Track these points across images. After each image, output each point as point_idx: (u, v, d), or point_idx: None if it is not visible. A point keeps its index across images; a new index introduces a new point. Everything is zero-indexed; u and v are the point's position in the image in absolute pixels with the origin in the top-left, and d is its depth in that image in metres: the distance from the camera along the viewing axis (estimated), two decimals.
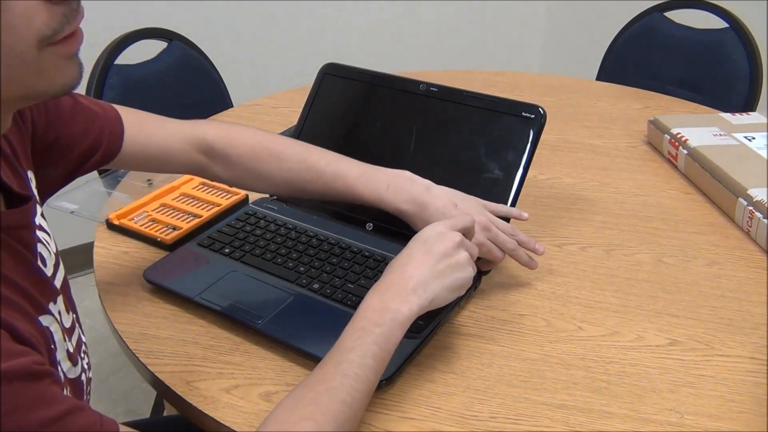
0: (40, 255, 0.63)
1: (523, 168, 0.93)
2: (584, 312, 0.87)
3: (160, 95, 1.58)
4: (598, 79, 1.86)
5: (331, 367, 0.64)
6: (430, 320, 0.80)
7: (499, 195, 0.93)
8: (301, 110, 1.08)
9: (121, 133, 0.83)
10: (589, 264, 0.97)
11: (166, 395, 0.76)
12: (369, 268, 0.90)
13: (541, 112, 0.94)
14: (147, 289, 0.90)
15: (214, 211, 1.05)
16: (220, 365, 0.78)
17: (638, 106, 1.52)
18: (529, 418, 0.72)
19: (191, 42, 1.67)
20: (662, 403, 0.74)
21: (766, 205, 1.01)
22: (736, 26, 1.69)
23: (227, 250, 0.94)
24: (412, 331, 0.73)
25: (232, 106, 1.64)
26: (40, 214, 0.67)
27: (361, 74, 1.06)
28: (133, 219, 1.04)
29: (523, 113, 0.95)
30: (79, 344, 0.68)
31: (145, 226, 1.02)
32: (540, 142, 0.94)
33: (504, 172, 0.94)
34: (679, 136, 1.23)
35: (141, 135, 0.85)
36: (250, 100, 1.56)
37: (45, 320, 0.60)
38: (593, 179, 1.20)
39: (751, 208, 1.03)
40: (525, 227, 1.00)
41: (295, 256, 0.92)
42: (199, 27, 1.98)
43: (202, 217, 1.04)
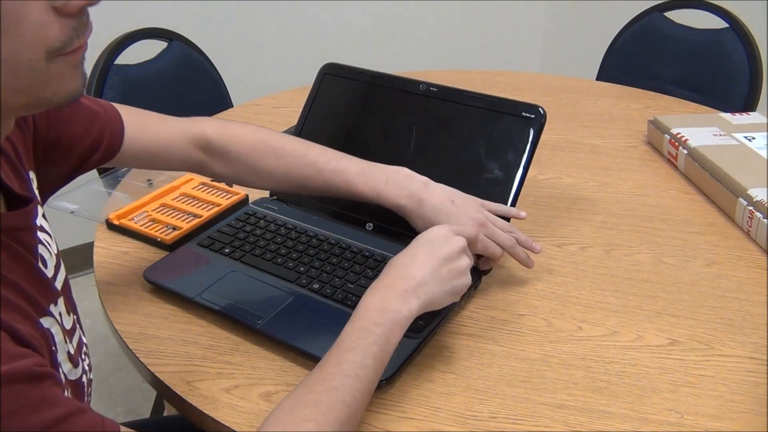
0: (41, 256, 0.63)
1: (523, 168, 0.93)
2: (584, 312, 0.87)
3: (160, 95, 1.58)
4: (598, 79, 1.86)
5: (332, 367, 0.64)
6: (429, 320, 0.80)
7: (499, 195, 0.93)
8: (301, 110, 1.08)
9: (122, 132, 0.83)
10: (589, 264, 0.97)
11: (166, 395, 0.76)
12: (369, 268, 0.90)
13: (541, 112, 0.95)
14: (147, 289, 0.90)
15: (214, 211, 1.05)
16: (220, 365, 0.78)
17: (638, 106, 1.52)
18: (529, 418, 0.72)
19: (191, 42, 1.67)
20: (662, 403, 0.74)
21: (766, 205, 1.01)
22: (736, 26, 1.69)
23: (227, 250, 0.94)
24: (411, 331, 0.73)
25: (232, 106, 1.64)
26: (42, 215, 0.67)
27: (361, 74, 1.06)
28: (133, 219, 1.04)
29: (523, 113, 0.95)
30: (80, 346, 0.68)
31: (145, 226, 1.02)
32: (540, 142, 0.94)
33: (504, 172, 0.94)
34: (679, 136, 1.23)
35: (141, 133, 0.85)
36: (250, 100, 1.56)
37: (46, 322, 0.60)
38: (593, 179, 1.20)
39: (751, 208, 1.03)
40: (525, 227, 1.00)
41: (295, 256, 0.92)
42: (199, 27, 1.98)
43: (202, 217, 1.04)
